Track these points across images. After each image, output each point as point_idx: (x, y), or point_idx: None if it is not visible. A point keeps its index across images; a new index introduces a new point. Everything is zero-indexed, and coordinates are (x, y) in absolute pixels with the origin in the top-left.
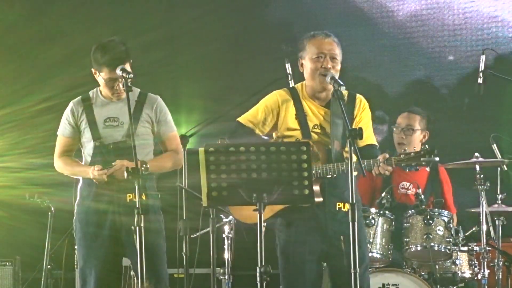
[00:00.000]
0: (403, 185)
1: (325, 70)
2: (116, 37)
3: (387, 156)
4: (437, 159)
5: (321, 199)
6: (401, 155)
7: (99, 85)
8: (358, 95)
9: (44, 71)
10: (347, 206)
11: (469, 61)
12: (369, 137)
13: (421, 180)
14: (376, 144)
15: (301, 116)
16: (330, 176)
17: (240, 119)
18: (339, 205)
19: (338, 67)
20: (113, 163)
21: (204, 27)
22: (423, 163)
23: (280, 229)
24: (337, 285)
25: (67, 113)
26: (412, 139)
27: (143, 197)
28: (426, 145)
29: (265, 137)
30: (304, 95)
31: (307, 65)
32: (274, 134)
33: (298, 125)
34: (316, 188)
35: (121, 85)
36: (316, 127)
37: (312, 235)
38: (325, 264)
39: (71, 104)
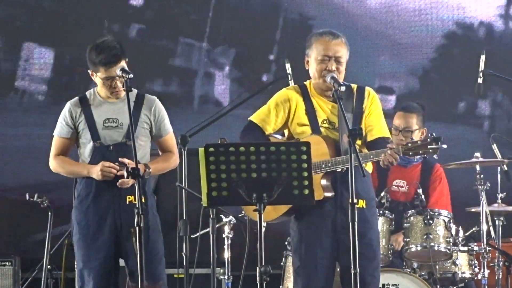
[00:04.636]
0: (396, 182)
1: (328, 72)
2: (109, 36)
3: (394, 146)
4: (444, 146)
5: (331, 194)
6: (408, 144)
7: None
8: (367, 88)
9: None
10: (361, 202)
11: (469, 60)
12: (381, 130)
13: (415, 177)
14: (389, 136)
15: (310, 112)
16: (339, 169)
17: (252, 118)
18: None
19: (343, 68)
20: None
21: (205, 26)
22: (430, 150)
23: (293, 227)
24: (346, 282)
25: (64, 113)
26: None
27: (142, 199)
28: (433, 133)
29: (278, 136)
30: (313, 92)
31: (312, 65)
32: (286, 132)
33: (307, 121)
34: (326, 182)
35: (119, 83)
36: (325, 121)
37: (324, 231)
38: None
39: (68, 105)
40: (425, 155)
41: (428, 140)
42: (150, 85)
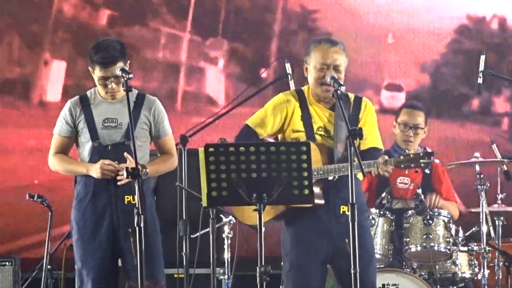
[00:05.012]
0: (401, 179)
1: (328, 75)
2: (112, 36)
3: (386, 157)
4: (437, 161)
5: (322, 202)
6: (400, 157)
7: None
8: (364, 98)
9: None
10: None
11: (468, 60)
12: (374, 140)
13: (417, 177)
14: (382, 148)
15: (306, 118)
16: (331, 177)
17: (248, 122)
18: (343, 208)
19: (342, 75)
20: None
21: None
22: (422, 164)
23: (284, 232)
24: (345, 286)
25: (64, 112)
26: (419, 137)
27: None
28: (425, 147)
29: (271, 139)
30: (310, 99)
31: (311, 72)
32: (279, 136)
33: (302, 127)
34: (317, 190)
35: (114, 85)
36: (320, 129)
37: (317, 237)
38: (328, 266)
39: (68, 103)
40: (416, 169)
41: (421, 154)
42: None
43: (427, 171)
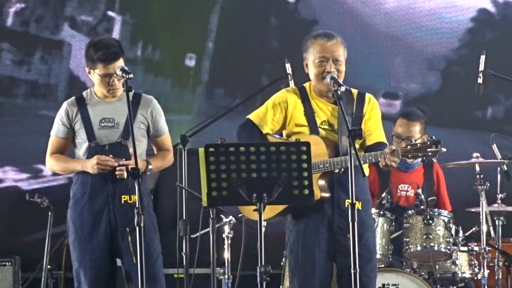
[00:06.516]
0: (402, 187)
1: (327, 74)
2: (107, 35)
3: (393, 147)
4: (443, 149)
5: (328, 195)
6: (408, 146)
7: (93, 86)
8: (367, 94)
9: None
10: (357, 204)
11: (468, 60)
12: (379, 135)
13: (418, 179)
14: (386, 142)
15: (309, 113)
16: (337, 170)
17: (250, 116)
18: (348, 202)
19: (342, 68)
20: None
21: (205, 26)
22: (429, 153)
23: (289, 227)
24: (342, 284)
25: (61, 113)
26: None
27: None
28: (433, 136)
29: (276, 135)
30: (312, 94)
31: (311, 68)
32: (284, 132)
33: (306, 122)
34: (323, 183)
35: (116, 81)
36: (324, 123)
37: (321, 232)
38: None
39: (65, 105)
40: (424, 158)
41: (428, 143)
42: None
43: (434, 160)
